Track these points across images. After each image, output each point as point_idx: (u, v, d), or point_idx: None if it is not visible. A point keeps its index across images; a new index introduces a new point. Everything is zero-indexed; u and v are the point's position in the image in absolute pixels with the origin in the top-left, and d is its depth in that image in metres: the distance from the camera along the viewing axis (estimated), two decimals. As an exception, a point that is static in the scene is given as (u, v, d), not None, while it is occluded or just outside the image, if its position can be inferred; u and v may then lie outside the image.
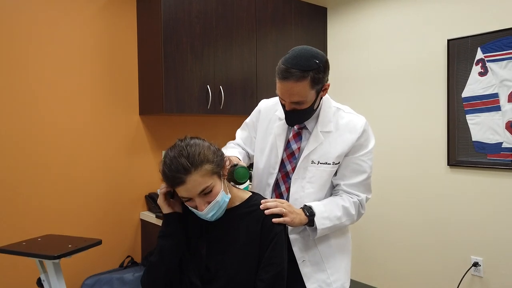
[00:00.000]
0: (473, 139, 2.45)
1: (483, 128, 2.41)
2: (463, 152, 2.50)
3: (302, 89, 1.27)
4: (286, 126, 1.47)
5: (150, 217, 2.48)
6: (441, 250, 2.62)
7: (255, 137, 1.62)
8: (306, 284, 1.40)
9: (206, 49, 2.50)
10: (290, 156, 1.45)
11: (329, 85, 1.35)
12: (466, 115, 2.48)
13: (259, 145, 1.56)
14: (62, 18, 2.27)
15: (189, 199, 1.13)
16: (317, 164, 1.40)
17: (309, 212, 1.33)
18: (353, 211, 1.40)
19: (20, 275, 2.13)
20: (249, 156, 1.68)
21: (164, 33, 2.30)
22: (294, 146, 1.45)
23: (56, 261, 1.58)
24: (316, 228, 1.34)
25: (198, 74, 2.46)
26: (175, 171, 1.08)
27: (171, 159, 1.10)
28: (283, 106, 1.37)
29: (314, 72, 1.25)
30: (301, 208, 1.36)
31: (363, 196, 1.42)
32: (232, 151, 1.57)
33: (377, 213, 2.96)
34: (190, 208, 1.17)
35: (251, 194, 1.32)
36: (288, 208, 1.27)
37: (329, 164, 1.40)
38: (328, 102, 1.45)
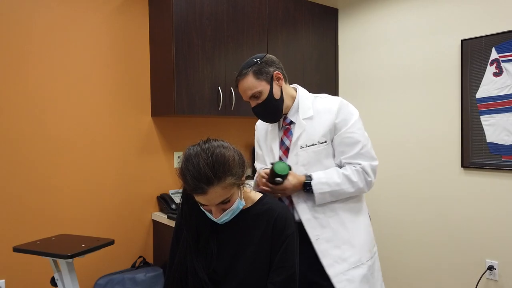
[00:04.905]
0: (487, 141, 2.41)
1: (498, 129, 2.37)
2: (478, 154, 2.46)
3: (249, 82, 1.49)
4: (277, 129, 1.61)
5: (162, 218, 2.50)
6: (455, 253, 2.58)
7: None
8: (322, 261, 1.44)
9: (217, 50, 2.51)
10: (286, 152, 1.57)
11: (279, 73, 1.53)
12: (480, 116, 2.44)
13: (265, 156, 1.69)
14: (75, 21, 2.30)
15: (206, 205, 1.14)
16: (305, 147, 1.52)
17: (307, 177, 1.47)
18: (355, 178, 1.47)
19: (34, 274, 2.16)
20: None
21: (175, 35, 2.32)
22: (287, 142, 1.57)
23: (70, 260, 1.60)
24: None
25: (209, 75, 2.47)
26: (197, 180, 1.05)
27: (194, 166, 1.06)
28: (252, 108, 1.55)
29: (254, 66, 1.49)
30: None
31: (365, 163, 1.49)
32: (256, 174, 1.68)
33: (389, 216, 2.93)
34: (202, 208, 1.17)
35: (261, 195, 1.32)
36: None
37: (315, 144, 1.51)
38: (305, 93, 1.61)
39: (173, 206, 2.49)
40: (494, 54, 2.37)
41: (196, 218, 1.22)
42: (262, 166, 1.77)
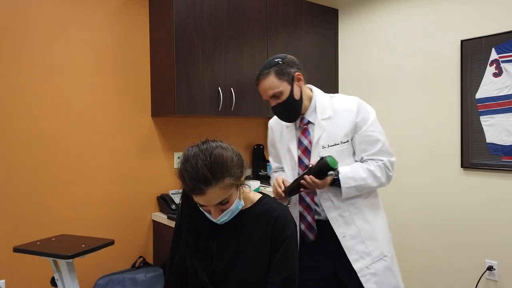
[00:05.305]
0: (487, 141, 2.41)
1: (497, 129, 2.37)
2: (477, 154, 2.46)
3: (271, 82, 1.52)
4: (294, 129, 1.64)
5: (162, 218, 2.50)
6: (455, 254, 2.58)
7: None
8: (348, 256, 1.53)
9: (217, 51, 2.51)
10: (305, 151, 1.60)
11: (300, 75, 1.57)
12: (480, 117, 2.44)
13: (281, 156, 1.72)
14: (75, 21, 2.30)
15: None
16: (328, 147, 1.56)
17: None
18: (378, 173, 1.54)
19: (34, 274, 2.16)
20: None
21: (176, 36, 2.32)
22: (306, 141, 1.60)
23: (70, 260, 1.60)
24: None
25: (209, 76, 2.48)
26: (195, 180, 1.06)
27: (192, 167, 1.07)
28: (272, 108, 1.59)
29: (276, 67, 1.52)
30: None
31: (386, 159, 1.57)
32: (277, 177, 1.70)
33: (388, 216, 2.91)
34: (201, 209, 1.18)
35: (261, 195, 1.32)
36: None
37: (338, 144, 1.56)
38: (321, 94, 1.65)
39: (173, 207, 2.49)
40: (494, 55, 2.37)
41: (195, 219, 1.22)
42: (277, 164, 1.83)
